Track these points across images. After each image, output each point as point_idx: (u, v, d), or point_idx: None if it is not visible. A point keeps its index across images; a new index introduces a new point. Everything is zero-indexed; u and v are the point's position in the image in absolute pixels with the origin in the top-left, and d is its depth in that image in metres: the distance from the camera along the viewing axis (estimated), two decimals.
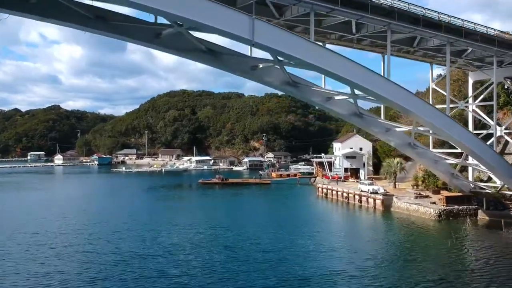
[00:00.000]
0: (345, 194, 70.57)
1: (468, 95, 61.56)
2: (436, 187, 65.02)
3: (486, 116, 58.80)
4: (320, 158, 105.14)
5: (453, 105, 57.36)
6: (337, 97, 43.10)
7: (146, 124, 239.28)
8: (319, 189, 79.57)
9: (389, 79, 39.77)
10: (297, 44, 33.00)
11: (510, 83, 60.19)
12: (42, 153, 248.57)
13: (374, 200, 62.78)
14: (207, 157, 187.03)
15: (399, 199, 60.58)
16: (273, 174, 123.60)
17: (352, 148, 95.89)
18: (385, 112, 52.79)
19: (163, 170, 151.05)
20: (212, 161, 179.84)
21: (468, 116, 61.69)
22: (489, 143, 53.09)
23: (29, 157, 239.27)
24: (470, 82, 61.41)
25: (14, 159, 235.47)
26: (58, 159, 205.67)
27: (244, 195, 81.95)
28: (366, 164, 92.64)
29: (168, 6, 26.74)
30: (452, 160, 54.15)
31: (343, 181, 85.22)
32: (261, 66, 38.38)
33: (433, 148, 57.47)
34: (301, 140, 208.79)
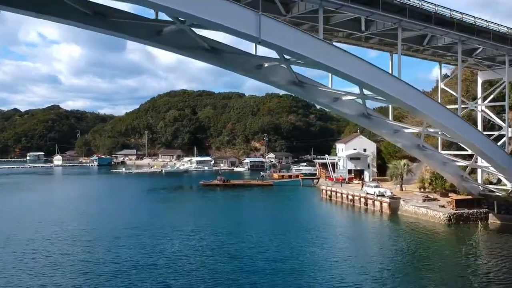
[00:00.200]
0: (350, 197, 68.98)
1: (477, 95, 59.86)
2: (444, 190, 63.47)
3: (495, 117, 57.28)
4: (323, 159, 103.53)
5: (463, 106, 55.69)
6: (345, 98, 41.55)
7: (146, 124, 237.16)
8: (323, 191, 77.83)
9: (400, 79, 38.23)
10: (306, 42, 31.35)
11: None
12: (42, 154, 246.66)
13: (381, 203, 61.06)
14: (208, 158, 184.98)
15: (407, 202, 58.94)
16: (275, 175, 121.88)
17: (356, 149, 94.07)
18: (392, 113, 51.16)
19: (164, 171, 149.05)
20: (213, 162, 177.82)
21: (477, 117, 60.08)
22: (500, 144, 51.60)
23: (28, 158, 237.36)
24: (479, 82, 59.62)
25: (13, 160, 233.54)
26: (58, 160, 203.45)
27: (247, 197, 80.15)
28: (371, 166, 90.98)
29: (170, 1, 25.02)
30: (462, 162, 52.53)
31: (347, 183, 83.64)
32: (266, 65, 36.74)
33: (441, 150, 55.86)
34: (302, 141, 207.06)
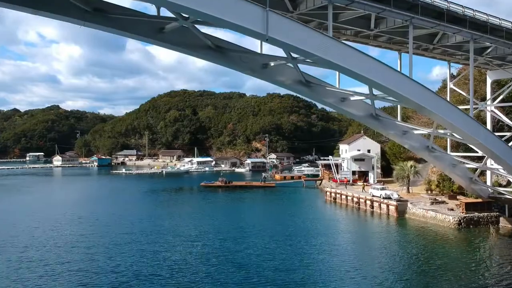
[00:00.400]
0: (356, 199, 67.42)
1: (485, 95, 58.33)
2: (452, 192, 61.97)
3: (505, 117, 55.72)
4: (326, 160, 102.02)
5: (474, 106, 54.13)
6: (353, 98, 40.00)
7: (146, 125, 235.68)
8: (327, 193, 76.28)
9: (412, 78, 36.69)
10: (316, 40, 29.73)
11: None
12: (41, 154, 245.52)
13: (387, 206, 59.52)
14: (209, 158, 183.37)
15: (414, 205, 57.38)
16: (277, 176, 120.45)
17: (360, 150, 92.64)
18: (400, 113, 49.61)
19: (164, 172, 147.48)
20: (214, 163, 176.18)
21: (486, 117, 58.54)
22: (511, 146, 50.05)
23: (28, 158, 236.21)
24: (489, 82, 58.07)
25: (13, 160, 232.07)
26: (57, 160, 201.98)
27: (249, 199, 78.52)
28: (375, 167, 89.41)
29: None
30: (472, 164, 51.00)
31: (352, 185, 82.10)
32: (272, 64, 35.24)
33: (450, 151, 54.34)
34: (304, 141, 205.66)
